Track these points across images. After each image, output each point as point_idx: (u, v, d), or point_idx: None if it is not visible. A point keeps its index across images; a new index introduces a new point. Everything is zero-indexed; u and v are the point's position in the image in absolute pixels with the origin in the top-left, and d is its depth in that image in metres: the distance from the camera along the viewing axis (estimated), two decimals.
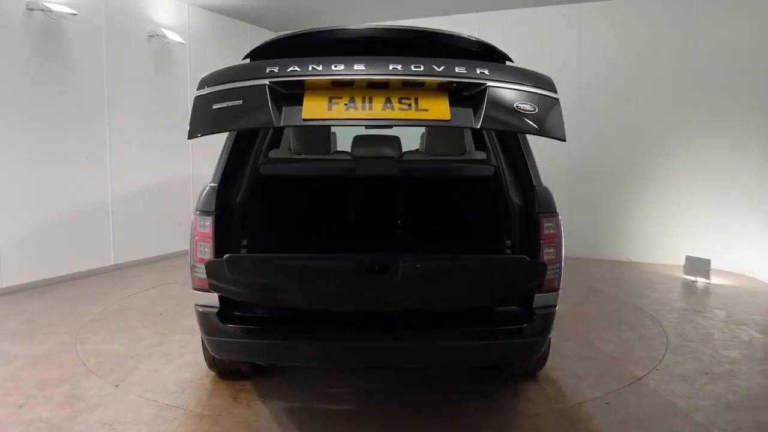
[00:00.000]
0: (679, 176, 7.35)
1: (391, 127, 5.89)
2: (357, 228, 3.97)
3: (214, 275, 2.61)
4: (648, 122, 7.51)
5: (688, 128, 7.26)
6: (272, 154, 3.81)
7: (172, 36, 7.46)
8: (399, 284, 2.61)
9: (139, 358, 4.07)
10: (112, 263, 6.91)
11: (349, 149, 4.00)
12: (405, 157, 3.92)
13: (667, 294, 6.03)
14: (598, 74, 7.71)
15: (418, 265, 2.63)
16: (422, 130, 4.54)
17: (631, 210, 7.72)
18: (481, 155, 3.83)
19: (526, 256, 2.73)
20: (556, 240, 2.88)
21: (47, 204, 6.14)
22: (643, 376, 3.79)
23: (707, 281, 6.45)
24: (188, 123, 2.37)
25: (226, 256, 2.58)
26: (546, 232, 2.86)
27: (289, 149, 3.91)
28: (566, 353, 4.18)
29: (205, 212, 2.87)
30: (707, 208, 7.15)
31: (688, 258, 6.71)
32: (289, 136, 3.99)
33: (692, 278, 6.59)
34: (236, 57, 3.41)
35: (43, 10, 5.83)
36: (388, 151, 3.84)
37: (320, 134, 3.86)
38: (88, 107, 6.53)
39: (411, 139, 4.42)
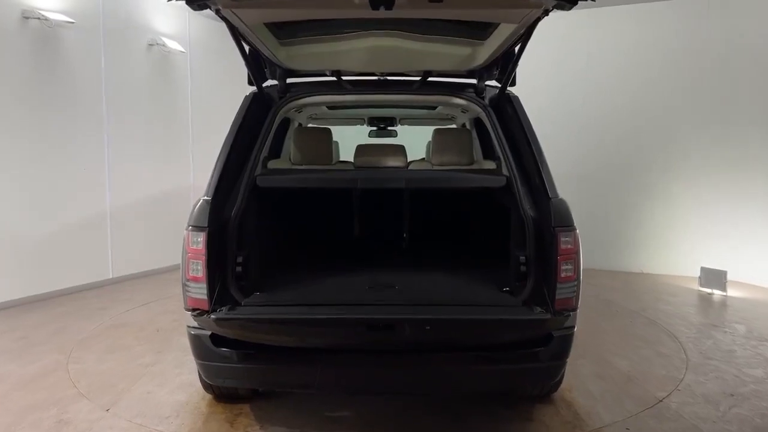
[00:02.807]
0: (693, 185, 7.14)
1: (395, 135, 5.80)
2: (360, 243, 3.79)
3: (204, 327, 2.51)
4: (662, 130, 7.31)
5: (703, 137, 7.07)
6: (271, 164, 3.64)
7: (173, 44, 7.34)
8: (405, 344, 2.55)
9: (133, 379, 3.89)
10: (111, 277, 6.74)
11: (352, 158, 3.84)
12: (411, 167, 3.75)
13: (682, 307, 5.81)
14: (608, 82, 7.53)
15: (428, 327, 2.49)
16: (428, 138, 4.37)
17: (644, 220, 7.51)
18: (490, 164, 3.65)
19: (547, 314, 2.53)
20: (573, 256, 2.69)
21: (44, 216, 5.98)
22: (663, 398, 3.58)
23: (723, 293, 6.23)
24: (190, 129, 2.22)
25: (213, 316, 2.44)
26: (563, 247, 2.67)
27: (290, 159, 3.74)
28: (581, 372, 3.97)
29: (197, 228, 2.70)
30: (722, 217, 6.94)
31: (703, 269, 6.49)
32: (289, 146, 3.83)
33: (708, 290, 6.37)
34: (238, 66, 3.27)
35: (39, 18, 5.70)
36: (393, 161, 3.66)
37: (321, 143, 3.69)
38: (85, 117, 6.38)
39: (416, 150, 4.26)
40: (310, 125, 5.20)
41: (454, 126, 5.31)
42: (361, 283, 3.08)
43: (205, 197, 2.78)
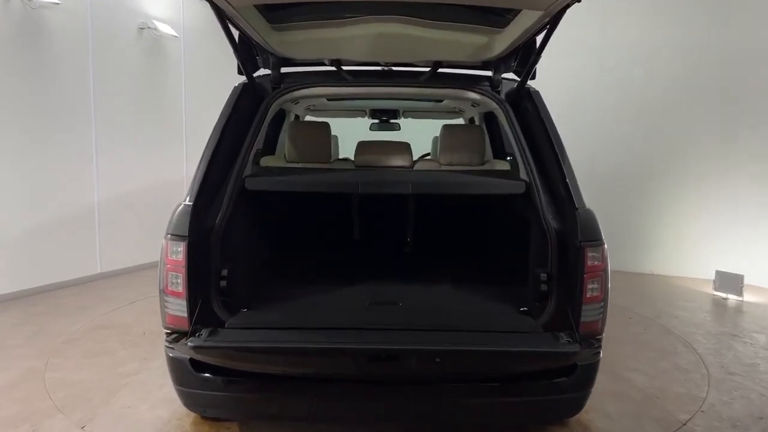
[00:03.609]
0: (709, 183, 6.84)
1: (398, 128, 5.47)
2: (360, 249, 3.48)
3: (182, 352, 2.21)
4: (675, 127, 7.00)
5: (719, 134, 6.75)
6: (265, 161, 3.32)
7: (165, 29, 6.98)
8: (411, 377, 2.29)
9: (113, 390, 3.60)
10: (99, 272, 6.45)
11: (352, 156, 3.52)
12: (417, 166, 3.43)
13: (697, 314, 5.53)
14: (620, 79, 7.20)
15: (437, 359, 2.22)
16: (435, 133, 4.05)
17: (655, 218, 7.21)
18: (503, 165, 3.34)
19: (575, 345, 2.23)
20: (601, 273, 2.40)
21: (27, 209, 5.68)
22: (687, 421, 3.30)
23: (740, 299, 5.94)
24: (184, 118, 1.91)
25: (190, 343, 2.16)
26: (590, 264, 2.37)
27: (285, 156, 3.43)
28: (596, 388, 3.53)
29: (177, 236, 2.40)
30: (740, 218, 6.64)
31: (718, 273, 6.20)
32: (284, 141, 3.51)
33: (723, 295, 6.08)
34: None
35: None
36: (397, 160, 3.35)
37: (319, 139, 3.37)
38: (72, 105, 6.05)
39: (418, 143, 3.94)
40: (307, 118, 4.87)
41: (462, 121, 5.00)
42: (360, 299, 2.78)
43: (187, 202, 2.47)
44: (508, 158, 4.09)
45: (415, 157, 3.63)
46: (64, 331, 4.73)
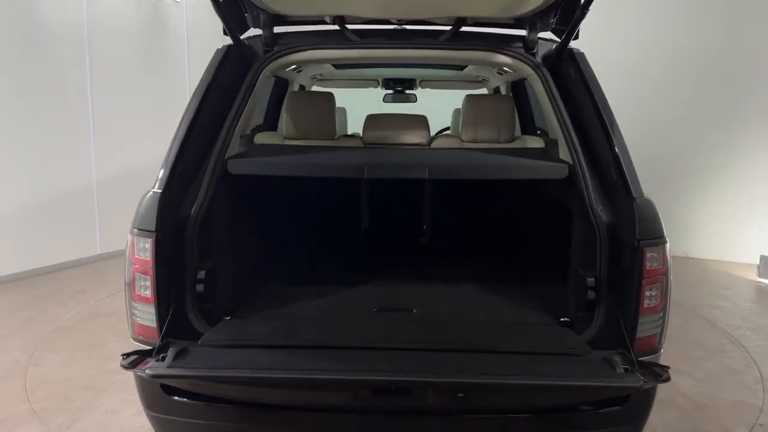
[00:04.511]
0: (753, 160, 6.26)
1: (414, 100, 4.97)
2: (367, 239, 3.03)
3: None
4: (720, 99, 6.40)
5: (763, 108, 6.16)
6: (260, 138, 2.89)
7: None
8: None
9: (99, 391, 3.29)
10: (99, 252, 6.13)
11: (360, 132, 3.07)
12: (435, 144, 2.96)
13: (741, 303, 5.06)
14: (653, 58, 6.60)
15: (461, 395, 1.80)
16: (455, 105, 3.57)
17: (689, 195, 6.67)
18: (536, 142, 2.86)
19: (640, 380, 1.77)
20: (661, 278, 1.96)
21: (21, 187, 5.37)
22: None
23: None
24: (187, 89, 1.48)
25: (148, 371, 1.74)
26: (649, 267, 1.92)
27: (283, 133, 2.99)
28: None
29: (144, 231, 2.00)
30: None
31: (763, 258, 5.69)
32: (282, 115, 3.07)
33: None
34: None
35: None
36: (413, 136, 2.88)
37: (321, 112, 2.90)
38: (66, 76, 5.65)
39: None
40: (314, 89, 4.40)
41: (486, 92, 4.49)
42: (366, 304, 2.37)
43: (155, 189, 2.06)
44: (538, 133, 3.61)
45: (432, 133, 3.16)
46: (58, 318, 4.46)
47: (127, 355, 1.87)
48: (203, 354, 1.85)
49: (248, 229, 2.63)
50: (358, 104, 4.79)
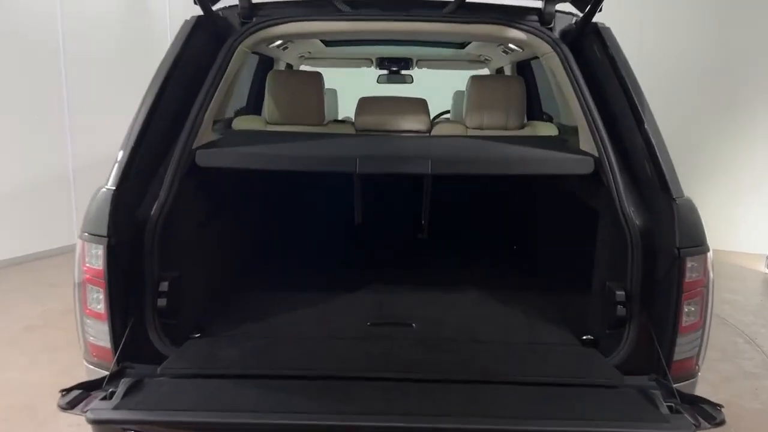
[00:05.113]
0: (756, 143, 6.02)
1: (411, 81, 4.64)
2: (361, 237, 2.74)
3: None
4: (721, 91, 6.16)
5: None
6: (237, 123, 2.58)
7: None
8: None
9: None
10: (75, 242, 5.81)
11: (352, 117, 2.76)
12: (435, 131, 2.66)
13: (751, 297, 4.84)
14: (669, 42, 6.31)
15: None
16: (457, 88, 3.26)
17: (696, 184, 6.42)
18: (548, 129, 2.57)
19: (681, 420, 1.51)
20: (701, 291, 1.68)
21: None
22: None
23: None
24: None
25: (89, 412, 1.46)
26: (689, 278, 1.64)
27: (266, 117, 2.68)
28: None
29: (94, 236, 1.70)
30: None
31: None
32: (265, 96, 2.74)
33: None
34: None
35: None
36: (411, 123, 2.58)
37: (308, 93, 2.58)
38: (37, 53, 5.33)
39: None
40: (302, 69, 4.07)
41: (487, 72, 4.18)
42: (358, 316, 2.08)
43: (108, 186, 1.75)
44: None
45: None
46: (28, 314, 4.20)
47: (67, 390, 1.58)
48: (161, 388, 1.56)
49: (222, 230, 2.31)
50: (350, 85, 4.48)
